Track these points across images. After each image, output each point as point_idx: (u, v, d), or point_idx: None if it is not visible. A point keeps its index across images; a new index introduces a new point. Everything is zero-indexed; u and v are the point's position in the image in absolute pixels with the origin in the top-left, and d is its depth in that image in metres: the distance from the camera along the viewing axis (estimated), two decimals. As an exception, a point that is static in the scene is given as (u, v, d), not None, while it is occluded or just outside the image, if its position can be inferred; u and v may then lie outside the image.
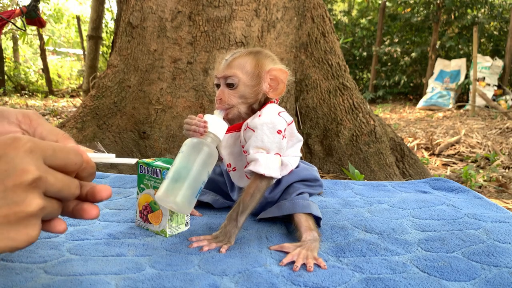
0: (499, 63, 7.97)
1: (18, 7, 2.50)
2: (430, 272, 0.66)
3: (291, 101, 2.11)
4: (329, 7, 10.71)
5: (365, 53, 10.54)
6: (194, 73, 1.99)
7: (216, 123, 0.74)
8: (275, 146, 0.79)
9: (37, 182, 0.41)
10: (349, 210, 0.99)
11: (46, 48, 9.29)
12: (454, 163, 3.09)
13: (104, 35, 7.96)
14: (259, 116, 0.80)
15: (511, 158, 3.11)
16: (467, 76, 8.15)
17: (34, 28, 7.95)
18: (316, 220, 0.81)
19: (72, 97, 8.52)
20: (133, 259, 0.67)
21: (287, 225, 0.86)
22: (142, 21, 2.00)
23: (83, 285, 0.57)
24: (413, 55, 9.68)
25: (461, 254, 0.73)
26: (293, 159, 0.89)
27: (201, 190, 0.68)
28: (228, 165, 0.88)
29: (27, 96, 8.29)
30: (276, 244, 0.76)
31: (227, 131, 0.80)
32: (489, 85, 7.84)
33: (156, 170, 0.79)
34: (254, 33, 2.01)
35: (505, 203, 1.99)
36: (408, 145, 2.76)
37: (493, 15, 9.46)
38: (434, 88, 8.26)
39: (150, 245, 0.74)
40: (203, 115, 0.75)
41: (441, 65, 8.64)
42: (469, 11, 9.72)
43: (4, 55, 9.36)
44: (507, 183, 2.39)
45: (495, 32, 9.99)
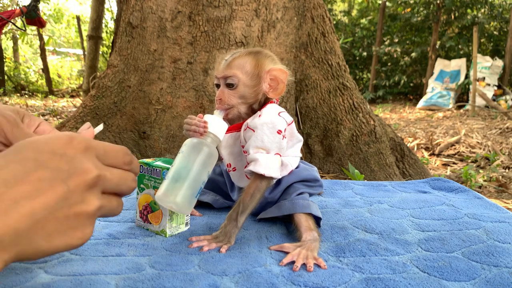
0: (499, 63, 7.97)
1: (18, 7, 2.50)
2: (430, 272, 0.66)
3: (291, 101, 2.11)
4: (329, 7, 10.70)
5: (365, 53, 10.54)
6: (194, 73, 1.99)
7: (216, 123, 0.74)
8: (275, 146, 0.79)
9: (97, 180, 0.41)
10: (349, 210, 0.99)
11: (46, 48, 9.30)
12: (454, 163, 3.09)
13: (104, 35, 7.96)
14: (259, 116, 0.80)
15: (511, 158, 3.11)
16: (467, 76, 8.15)
17: (34, 28, 7.96)
18: (316, 220, 0.81)
19: (72, 97, 8.52)
20: (133, 259, 0.67)
21: (287, 225, 0.86)
22: (142, 21, 2.00)
23: (83, 285, 0.57)
24: (413, 55, 9.68)
25: (461, 254, 0.73)
26: (293, 159, 0.88)
27: (201, 190, 0.68)
28: (228, 165, 0.88)
29: (27, 96, 8.29)
30: (276, 244, 0.76)
31: (227, 131, 0.80)
32: (489, 85, 7.84)
33: (156, 170, 0.79)
34: (254, 33, 2.01)
35: (505, 203, 1.99)
36: (408, 145, 2.76)
37: (493, 15, 9.47)
38: (434, 88, 8.26)
39: (150, 245, 0.74)
40: (203, 115, 0.75)
41: (441, 65, 8.64)
42: (469, 11, 9.72)
43: (4, 55, 9.37)
44: (507, 183, 2.39)
45: (495, 32, 9.99)
